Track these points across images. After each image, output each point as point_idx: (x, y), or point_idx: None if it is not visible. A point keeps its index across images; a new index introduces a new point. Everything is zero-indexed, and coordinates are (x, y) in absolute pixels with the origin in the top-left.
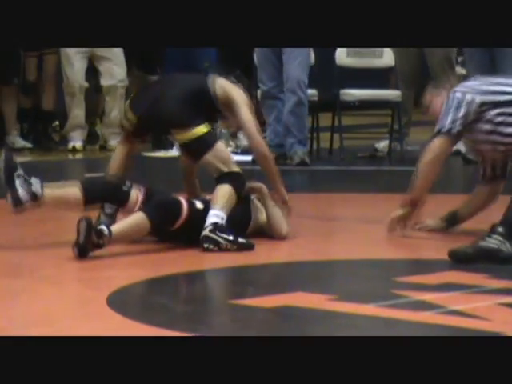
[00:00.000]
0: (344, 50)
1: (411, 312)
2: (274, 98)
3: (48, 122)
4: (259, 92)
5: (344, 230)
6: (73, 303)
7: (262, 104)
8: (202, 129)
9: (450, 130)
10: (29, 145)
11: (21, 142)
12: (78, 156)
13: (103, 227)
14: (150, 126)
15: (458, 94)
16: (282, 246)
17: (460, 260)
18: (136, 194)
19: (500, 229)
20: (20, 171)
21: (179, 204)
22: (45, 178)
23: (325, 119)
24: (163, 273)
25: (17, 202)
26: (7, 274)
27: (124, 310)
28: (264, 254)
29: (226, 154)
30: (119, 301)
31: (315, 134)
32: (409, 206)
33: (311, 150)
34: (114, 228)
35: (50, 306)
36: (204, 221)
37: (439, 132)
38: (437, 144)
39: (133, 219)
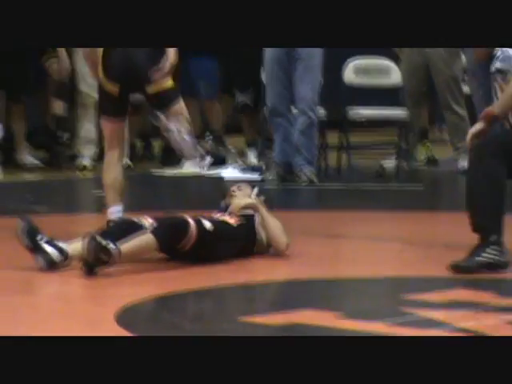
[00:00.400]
0: (352, 69)
1: (418, 329)
2: (281, 115)
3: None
4: (266, 109)
5: (352, 248)
6: (81, 321)
7: (269, 121)
8: (170, 81)
9: None
10: (37, 162)
11: (29, 159)
12: (88, 174)
13: (111, 245)
14: (129, 88)
15: None
16: (290, 264)
17: (461, 272)
18: (149, 224)
19: (492, 238)
20: (41, 234)
21: (187, 224)
22: (55, 195)
23: (332, 137)
24: (171, 290)
25: (51, 262)
26: (17, 292)
27: (132, 327)
28: (272, 271)
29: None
30: (127, 318)
31: (323, 153)
32: (489, 121)
33: (319, 169)
34: (122, 247)
35: (59, 323)
36: (214, 240)
37: None
38: None
39: (141, 239)
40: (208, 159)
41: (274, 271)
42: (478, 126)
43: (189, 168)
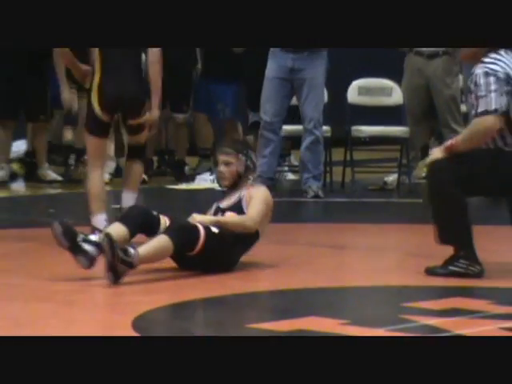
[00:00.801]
0: (355, 88)
1: (418, 335)
2: (274, 132)
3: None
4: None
5: (355, 258)
6: (100, 327)
7: (260, 135)
8: (147, 116)
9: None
10: (59, 178)
11: (51, 175)
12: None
13: (129, 248)
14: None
15: None
16: (295, 273)
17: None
18: (164, 221)
19: (462, 252)
20: (80, 235)
21: (196, 228)
22: (75, 208)
23: (337, 154)
24: (184, 298)
25: (91, 260)
26: (39, 299)
27: (148, 333)
28: (278, 280)
29: None
30: (143, 325)
31: (328, 168)
32: (449, 153)
33: (325, 183)
34: (141, 250)
35: (79, 329)
36: (220, 244)
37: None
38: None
39: (158, 241)
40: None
41: (280, 280)
42: (437, 155)
43: (200, 183)
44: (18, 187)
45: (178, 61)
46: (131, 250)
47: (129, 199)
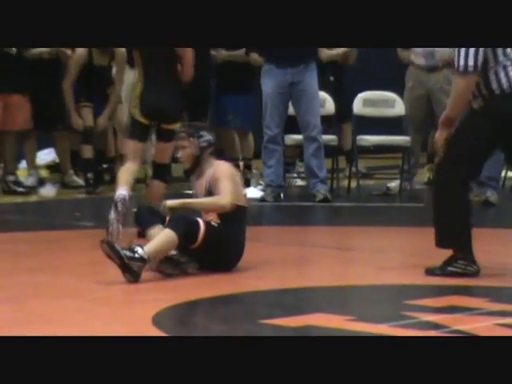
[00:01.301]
0: (361, 100)
1: (419, 331)
2: (278, 143)
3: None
4: (265, 136)
5: (360, 259)
6: (122, 323)
7: (265, 147)
8: (179, 124)
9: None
10: (81, 182)
11: (77, 181)
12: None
13: (135, 246)
14: (156, 121)
15: None
16: (306, 273)
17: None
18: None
19: (460, 254)
20: (124, 251)
21: (197, 221)
22: (98, 212)
23: (343, 162)
24: (200, 296)
25: (137, 277)
26: (65, 296)
27: (168, 328)
28: (287, 279)
29: None
30: (163, 321)
31: (335, 175)
32: (448, 125)
33: (331, 189)
34: (148, 246)
35: (102, 324)
36: (220, 236)
37: None
38: None
39: (163, 235)
40: None
41: (290, 279)
42: (443, 134)
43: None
44: (46, 192)
45: (196, 72)
46: (137, 248)
47: None
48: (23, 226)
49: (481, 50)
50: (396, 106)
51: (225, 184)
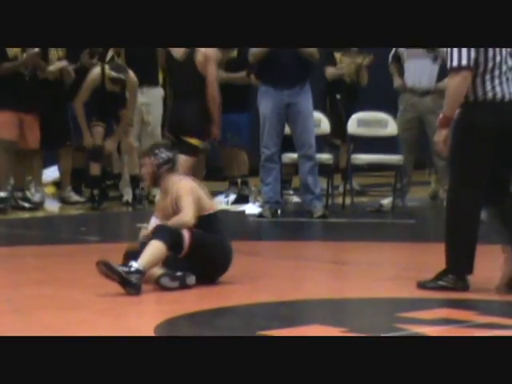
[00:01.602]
0: (355, 120)
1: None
2: (275, 162)
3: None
4: (262, 156)
5: (355, 273)
6: (126, 333)
7: (263, 166)
8: (197, 140)
9: None
10: (82, 199)
11: (74, 197)
12: (128, 209)
13: (130, 262)
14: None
15: None
16: (302, 286)
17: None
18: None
19: (451, 268)
20: (122, 267)
21: (179, 230)
22: (102, 226)
23: (338, 179)
24: (200, 308)
25: (138, 289)
26: (69, 308)
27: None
28: (285, 291)
29: None
30: (164, 332)
31: (330, 192)
32: (446, 125)
33: (327, 205)
34: (140, 260)
35: (107, 334)
36: (205, 241)
37: None
38: None
39: (152, 247)
40: (233, 196)
41: (287, 291)
42: (442, 134)
43: (216, 204)
44: (52, 208)
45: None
46: (131, 262)
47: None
48: (30, 240)
49: (473, 49)
50: (389, 126)
51: (185, 200)
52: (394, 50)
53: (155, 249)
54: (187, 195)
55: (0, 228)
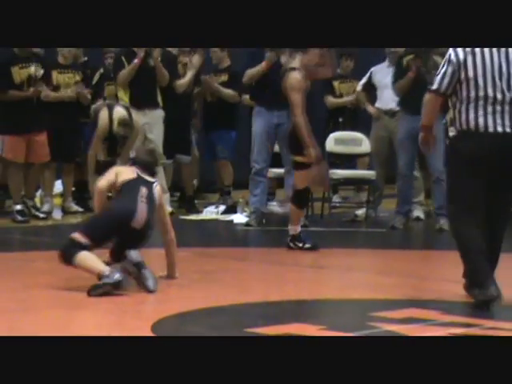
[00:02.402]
0: (332, 139)
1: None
2: (262, 175)
3: None
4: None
5: (331, 276)
6: (124, 330)
7: (252, 178)
8: None
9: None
10: (80, 209)
11: (74, 207)
12: None
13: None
14: None
15: None
16: (285, 288)
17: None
18: None
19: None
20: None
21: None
22: None
23: (317, 192)
24: (192, 307)
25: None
26: (74, 307)
27: (164, 335)
28: (269, 293)
29: None
30: (161, 329)
31: (310, 204)
32: (426, 131)
33: (307, 215)
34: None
35: (107, 332)
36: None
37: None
38: None
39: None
40: (222, 207)
41: (270, 293)
42: (421, 137)
43: (207, 214)
44: (57, 217)
45: (179, 114)
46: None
47: None
48: (41, 246)
49: (447, 76)
50: (363, 144)
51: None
52: (365, 79)
53: (85, 259)
54: (107, 172)
55: (15, 235)
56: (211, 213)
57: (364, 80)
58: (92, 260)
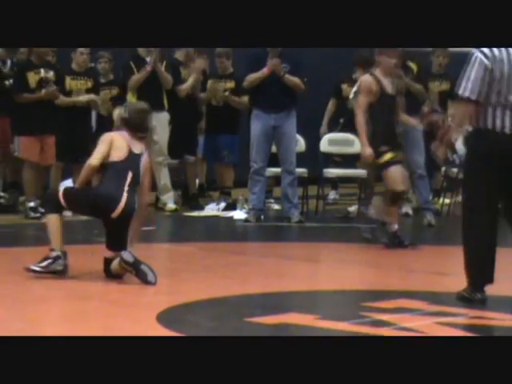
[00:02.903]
0: (326, 140)
1: (373, 328)
2: (262, 175)
3: None
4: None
5: (325, 269)
6: (131, 321)
7: (251, 177)
8: None
9: None
10: None
11: None
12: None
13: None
14: None
15: None
16: (282, 280)
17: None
18: None
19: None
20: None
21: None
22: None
23: (312, 190)
24: (194, 298)
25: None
26: (84, 298)
27: (169, 325)
28: (267, 284)
29: None
30: (165, 318)
31: (305, 201)
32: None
33: (303, 212)
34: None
35: (116, 322)
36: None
37: None
38: None
39: (48, 225)
40: (223, 204)
41: (268, 284)
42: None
43: (208, 211)
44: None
45: (187, 117)
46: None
47: None
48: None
49: (478, 82)
50: (355, 144)
51: (97, 147)
52: (357, 87)
53: (51, 225)
54: (101, 143)
55: (28, 231)
56: (212, 210)
57: (355, 88)
58: (55, 231)
